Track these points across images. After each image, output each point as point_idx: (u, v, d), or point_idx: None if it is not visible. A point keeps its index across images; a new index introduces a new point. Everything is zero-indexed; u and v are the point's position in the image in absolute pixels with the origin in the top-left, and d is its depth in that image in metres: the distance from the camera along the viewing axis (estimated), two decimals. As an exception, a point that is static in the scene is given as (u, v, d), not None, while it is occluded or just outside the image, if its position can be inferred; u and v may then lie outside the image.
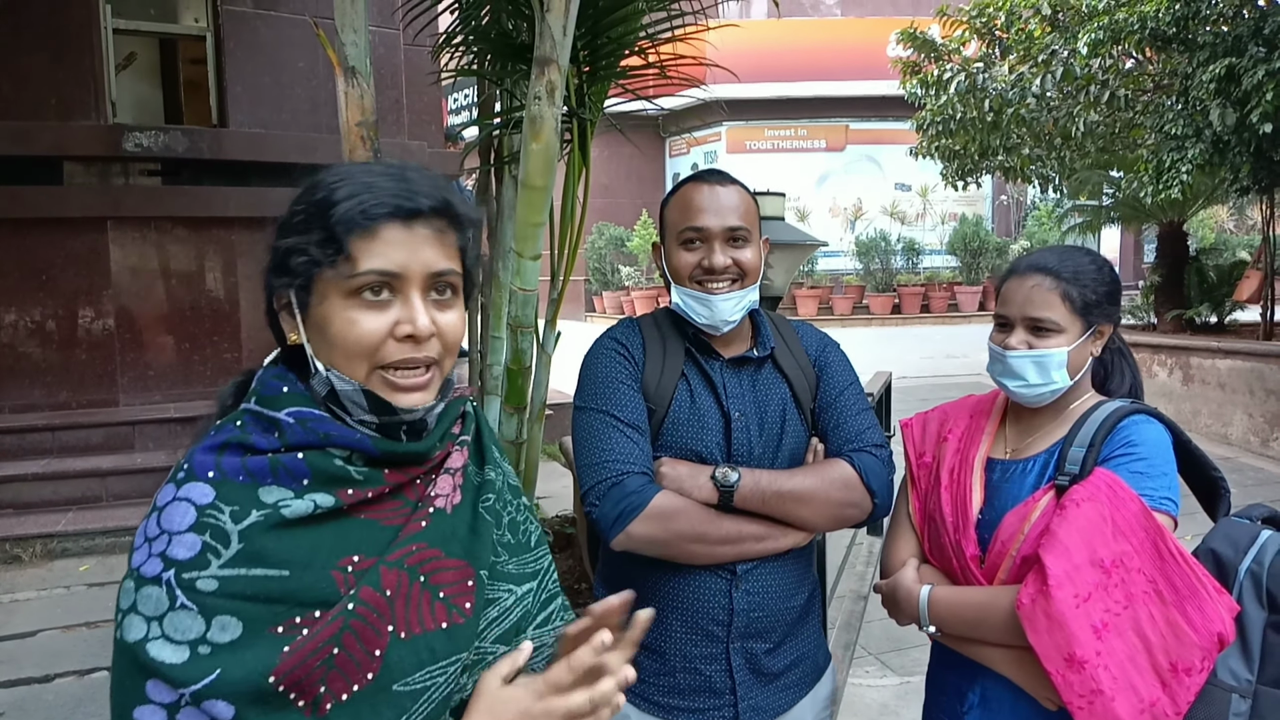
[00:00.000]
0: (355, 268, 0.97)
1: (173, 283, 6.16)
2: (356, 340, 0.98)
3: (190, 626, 0.89)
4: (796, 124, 20.21)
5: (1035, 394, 1.63)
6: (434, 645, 0.99)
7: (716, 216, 1.70)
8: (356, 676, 0.94)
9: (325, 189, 0.99)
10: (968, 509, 1.64)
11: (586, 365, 1.77)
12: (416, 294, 1.00)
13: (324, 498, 0.97)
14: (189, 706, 0.88)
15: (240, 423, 1.00)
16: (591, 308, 20.83)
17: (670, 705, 1.72)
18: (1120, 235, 21.05)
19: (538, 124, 2.61)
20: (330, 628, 0.93)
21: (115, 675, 0.91)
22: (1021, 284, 1.64)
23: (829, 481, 1.67)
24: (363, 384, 0.99)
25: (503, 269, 3.56)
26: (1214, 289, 9.88)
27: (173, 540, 0.92)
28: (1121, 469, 1.52)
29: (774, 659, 1.73)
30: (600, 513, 1.61)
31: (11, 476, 5.40)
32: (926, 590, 1.64)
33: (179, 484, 0.95)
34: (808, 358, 1.82)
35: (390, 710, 0.95)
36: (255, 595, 0.91)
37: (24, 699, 3.54)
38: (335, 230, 0.96)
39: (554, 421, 5.54)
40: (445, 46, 3.72)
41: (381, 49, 6.52)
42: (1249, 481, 6.94)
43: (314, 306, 0.99)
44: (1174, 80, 7.83)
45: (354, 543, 0.98)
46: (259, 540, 0.93)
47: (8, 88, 5.77)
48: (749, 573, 1.69)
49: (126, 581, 0.92)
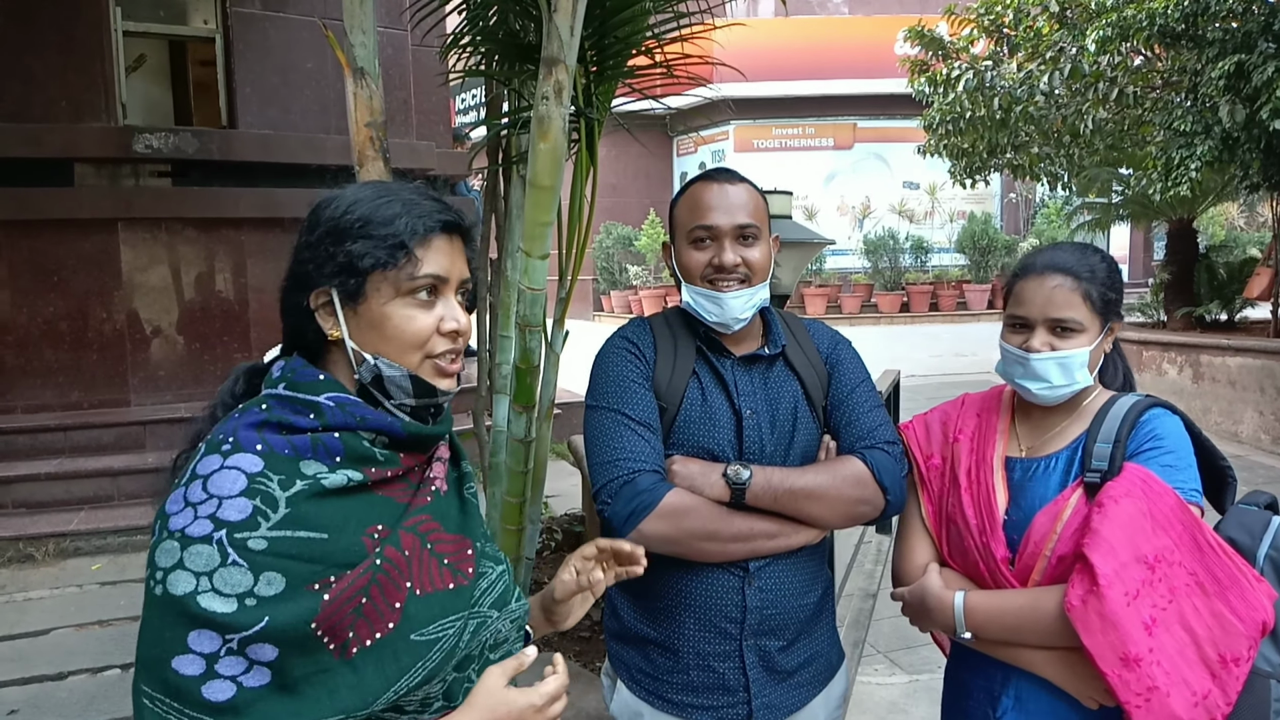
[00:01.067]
0: (417, 270, 1.14)
1: (183, 283, 6.19)
2: (415, 333, 1.15)
3: (240, 581, 0.99)
4: (804, 122, 20.16)
5: (1057, 395, 1.63)
6: (444, 602, 1.14)
7: (726, 215, 1.70)
8: (380, 625, 1.07)
9: (370, 205, 1.15)
10: (993, 510, 1.63)
11: (598, 365, 1.78)
12: (452, 296, 1.19)
13: (354, 473, 1.10)
14: (230, 656, 0.98)
15: (265, 405, 1.12)
16: (599, 307, 20.84)
17: (684, 703, 1.72)
18: (1130, 233, 20.98)
19: (545, 124, 2.62)
20: (362, 579, 1.06)
21: (152, 629, 1.00)
22: (1041, 284, 1.62)
23: (841, 478, 1.67)
24: (413, 371, 1.16)
25: (511, 268, 3.57)
26: (1224, 286, 9.83)
27: (223, 504, 1.02)
28: (1152, 463, 1.53)
29: (787, 657, 1.74)
30: (612, 511, 1.62)
31: (24, 476, 5.44)
32: (960, 596, 1.61)
33: (225, 455, 1.06)
34: (819, 355, 1.82)
35: (409, 656, 1.09)
36: (298, 555, 1.03)
37: (37, 696, 3.57)
38: (402, 237, 1.13)
39: (562, 420, 5.56)
40: (453, 47, 3.72)
41: (390, 50, 6.55)
42: (1260, 479, 6.91)
43: (366, 304, 1.14)
44: (1183, 77, 7.79)
45: (377, 514, 1.12)
46: (303, 506, 1.05)
47: (19, 90, 5.80)
48: (761, 570, 1.69)
49: (167, 542, 1.01)
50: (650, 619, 1.75)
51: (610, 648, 1.86)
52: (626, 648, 1.81)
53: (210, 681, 0.98)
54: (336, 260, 1.13)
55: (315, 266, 1.14)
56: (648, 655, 1.76)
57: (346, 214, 1.14)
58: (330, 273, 1.13)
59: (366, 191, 1.17)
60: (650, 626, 1.75)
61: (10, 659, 3.85)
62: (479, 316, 3.98)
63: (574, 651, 3.57)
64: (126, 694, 3.49)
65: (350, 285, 1.13)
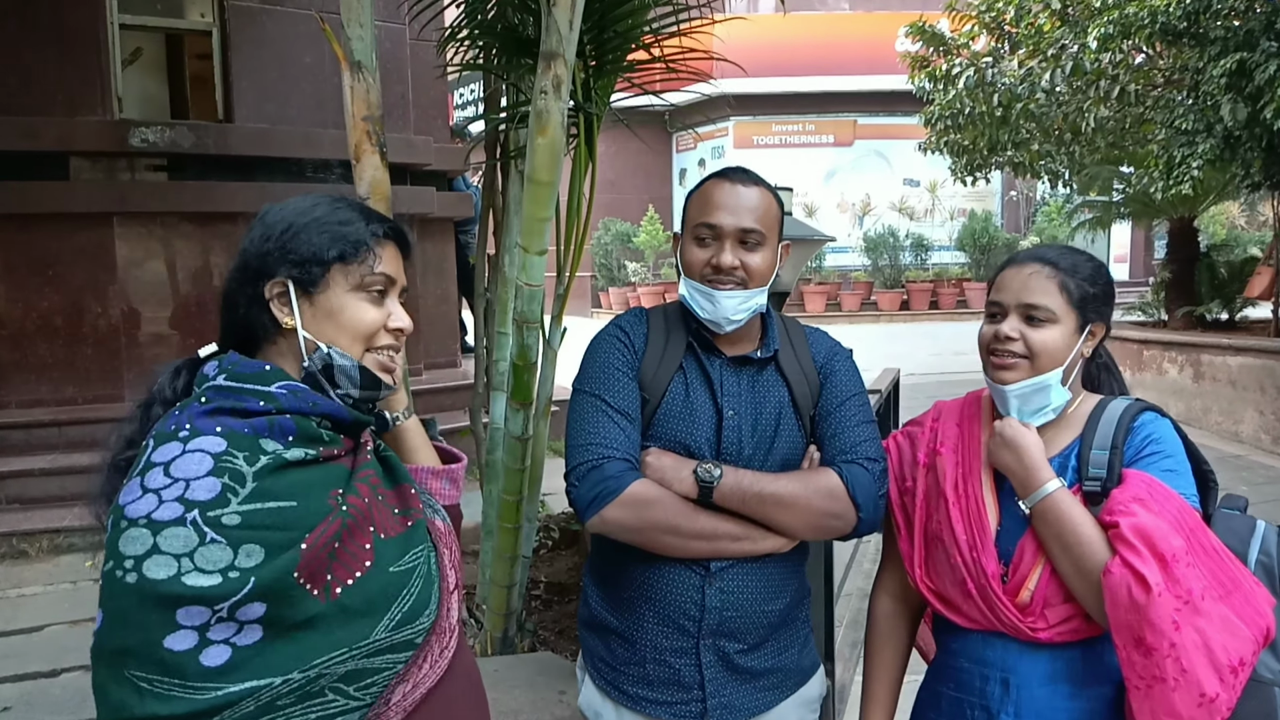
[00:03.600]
0: (376, 266, 1.26)
1: (179, 278, 6.15)
2: (368, 324, 1.25)
3: (220, 557, 1.04)
4: (804, 119, 20.15)
5: (1044, 419, 1.60)
6: (404, 542, 1.24)
7: (731, 216, 1.69)
8: (356, 565, 1.15)
9: (326, 207, 1.26)
10: (984, 524, 1.59)
11: (589, 350, 1.78)
12: (396, 298, 1.31)
13: (309, 450, 1.17)
14: (221, 623, 1.04)
15: (205, 399, 1.17)
16: (598, 303, 20.82)
17: (639, 696, 1.72)
18: (1130, 231, 20.98)
19: (544, 118, 2.60)
20: (332, 527, 1.14)
21: (129, 617, 1.03)
22: (1019, 272, 1.61)
23: (813, 489, 1.65)
24: (357, 362, 1.25)
25: (509, 264, 3.54)
26: (1225, 285, 9.82)
27: (190, 485, 1.06)
28: (1153, 468, 1.50)
29: (751, 659, 1.71)
30: (578, 494, 1.63)
31: (18, 472, 5.41)
32: (1056, 484, 1.50)
33: (184, 441, 1.10)
34: (813, 364, 1.79)
35: (393, 586, 1.18)
36: (273, 525, 1.08)
37: (31, 693, 3.55)
38: (363, 237, 1.25)
39: (560, 418, 5.51)
40: (451, 40, 3.70)
41: (387, 44, 6.51)
42: (1259, 479, 6.90)
43: (325, 294, 1.23)
44: (1185, 75, 7.77)
45: (333, 480, 1.20)
46: (268, 480, 1.11)
47: (14, 83, 5.76)
48: (723, 571, 1.68)
49: (131, 531, 1.04)
50: (614, 608, 1.76)
51: (581, 636, 1.88)
52: (593, 636, 1.82)
53: (206, 649, 1.03)
54: (300, 251, 1.22)
55: (275, 258, 1.23)
56: (609, 645, 1.77)
57: (304, 215, 1.25)
58: (292, 262, 1.22)
59: (320, 199, 1.28)
60: (613, 616, 1.76)
61: (4, 656, 3.83)
62: (476, 312, 3.96)
63: (570, 651, 3.55)
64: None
65: (313, 273, 1.22)
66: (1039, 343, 1.56)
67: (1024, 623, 1.52)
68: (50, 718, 3.35)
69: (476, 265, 4.20)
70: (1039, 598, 1.52)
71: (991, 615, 1.55)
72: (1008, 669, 1.57)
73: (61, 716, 3.35)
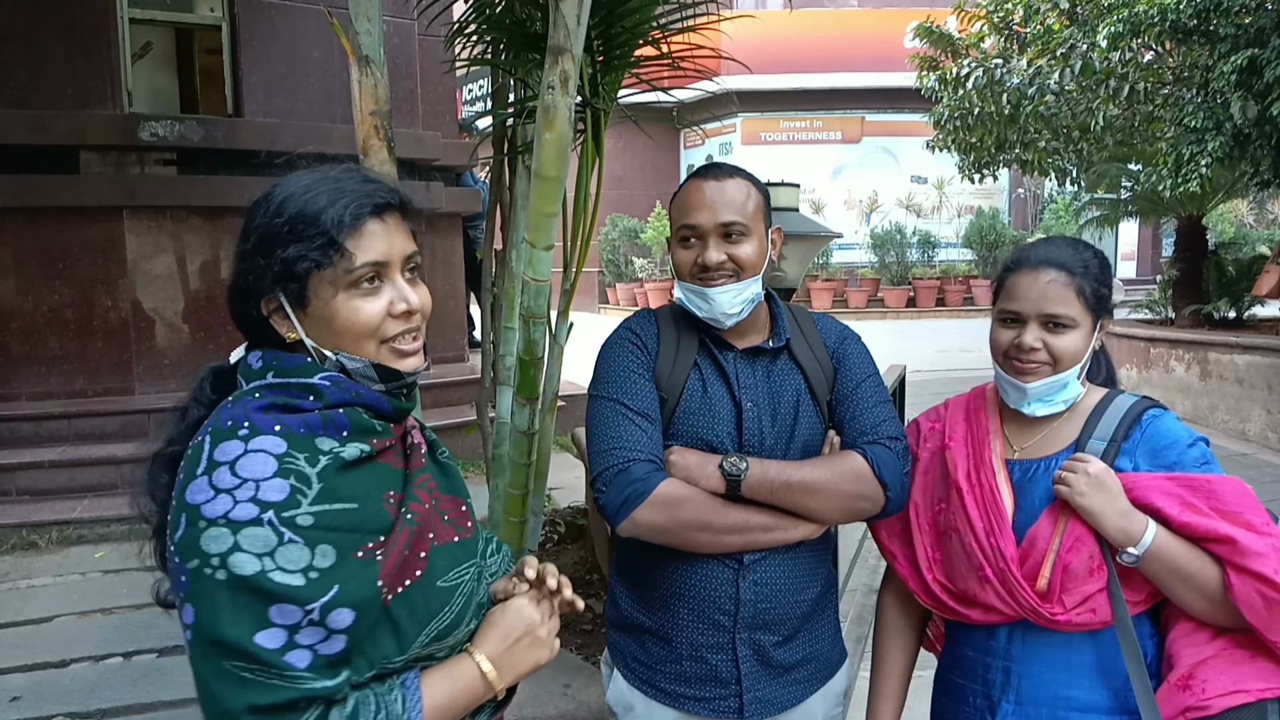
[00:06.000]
0: (353, 263, 1.15)
1: (188, 271, 6.19)
2: (364, 323, 1.17)
3: (300, 557, 1.04)
4: (812, 116, 20.09)
5: (1054, 411, 1.64)
6: (454, 553, 1.22)
7: (709, 213, 1.69)
8: (409, 573, 1.14)
9: (298, 202, 1.16)
10: (1000, 509, 1.60)
11: (602, 355, 1.78)
12: (399, 276, 1.20)
13: (363, 445, 1.15)
14: (310, 626, 1.04)
15: (259, 394, 1.13)
16: (605, 299, 20.81)
17: (677, 693, 1.72)
18: (1138, 229, 20.89)
19: (551, 114, 2.60)
20: (403, 536, 1.13)
21: (227, 610, 1.03)
22: (1035, 279, 1.60)
23: (840, 473, 1.65)
24: (371, 359, 1.19)
25: (516, 259, 3.55)
26: (1233, 284, 9.78)
27: (261, 486, 1.05)
28: (1190, 465, 1.54)
29: (784, 652, 1.73)
30: (606, 499, 1.62)
31: (29, 463, 5.44)
32: (1155, 527, 1.50)
33: (244, 439, 1.08)
34: (825, 349, 1.81)
35: (436, 601, 1.17)
36: (340, 526, 1.08)
37: (40, 683, 3.57)
38: (331, 234, 1.13)
39: (566, 413, 5.54)
40: (459, 35, 3.70)
41: (396, 39, 6.53)
42: (1266, 478, 6.88)
43: (314, 303, 1.16)
44: (1194, 73, 7.74)
45: (386, 481, 1.18)
46: (332, 480, 1.09)
47: (25, 77, 5.79)
48: (757, 563, 1.69)
49: (211, 530, 1.03)
50: (646, 608, 1.76)
51: (610, 636, 1.87)
52: (624, 636, 1.81)
53: (290, 651, 1.03)
54: (274, 269, 1.15)
55: (256, 277, 1.16)
56: (643, 644, 1.77)
57: (276, 216, 1.16)
58: (271, 281, 1.15)
59: (295, 186, 1.18)
60: (646, 615, 1.76)
61: (13, 646, 3.86)
62: (483, 307, 3.97)
63: (576, 644, 3.57)
64: (129, 681, 3.52)
65: (293, 290, 1.15)
66: (1062, 349, 1.58)
67: (1043, 607, 1.54)
68: (59, 707, 3.37)
69: (484, 260, 4.22)
70: (1055, 584, 1.53)
71: (1011, 600, 1.56)
72: (1010, 658, 1.61)
73: (70, 706, 3.38)
